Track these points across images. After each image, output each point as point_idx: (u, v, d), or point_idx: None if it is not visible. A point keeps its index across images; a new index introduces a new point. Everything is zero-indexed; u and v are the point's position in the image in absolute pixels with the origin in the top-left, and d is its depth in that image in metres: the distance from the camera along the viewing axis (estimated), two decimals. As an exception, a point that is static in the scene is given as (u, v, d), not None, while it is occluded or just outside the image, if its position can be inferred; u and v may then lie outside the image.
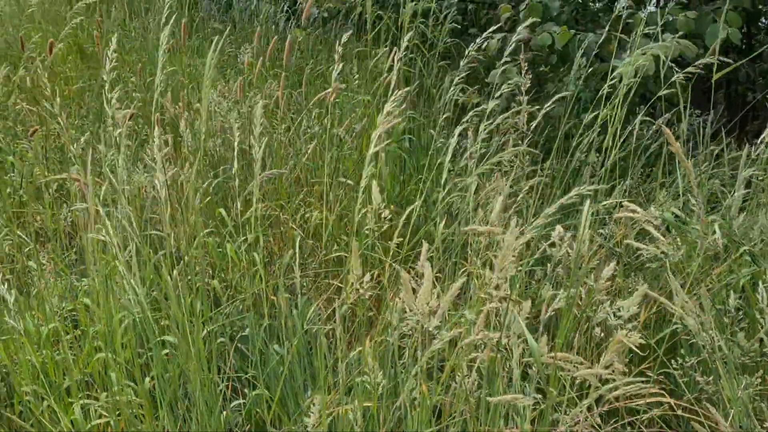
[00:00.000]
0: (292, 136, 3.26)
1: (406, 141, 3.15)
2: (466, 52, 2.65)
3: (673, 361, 1.93)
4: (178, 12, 5.38)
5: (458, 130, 2.21)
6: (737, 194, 2.13)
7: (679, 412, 1.76)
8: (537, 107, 2.50)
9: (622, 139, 2.50)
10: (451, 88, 2.61)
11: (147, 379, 1.91)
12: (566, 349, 1.84)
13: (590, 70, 3.05)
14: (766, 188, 2.59)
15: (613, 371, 1.45)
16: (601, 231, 2.45)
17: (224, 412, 1.88)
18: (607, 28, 2.82)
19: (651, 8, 2.73)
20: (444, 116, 2.87)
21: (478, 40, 2.63)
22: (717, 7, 3.38)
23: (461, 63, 2.63)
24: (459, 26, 4.18)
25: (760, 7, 3.80)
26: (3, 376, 2.17)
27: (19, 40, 4.51)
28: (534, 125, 2.51)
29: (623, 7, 2.70)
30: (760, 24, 4.21)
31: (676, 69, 2.41)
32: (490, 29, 2.77)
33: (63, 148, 3.58)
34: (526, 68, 2.47)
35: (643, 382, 1.47)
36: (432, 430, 1.66)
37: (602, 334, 1.84)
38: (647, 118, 2.88)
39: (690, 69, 2.30)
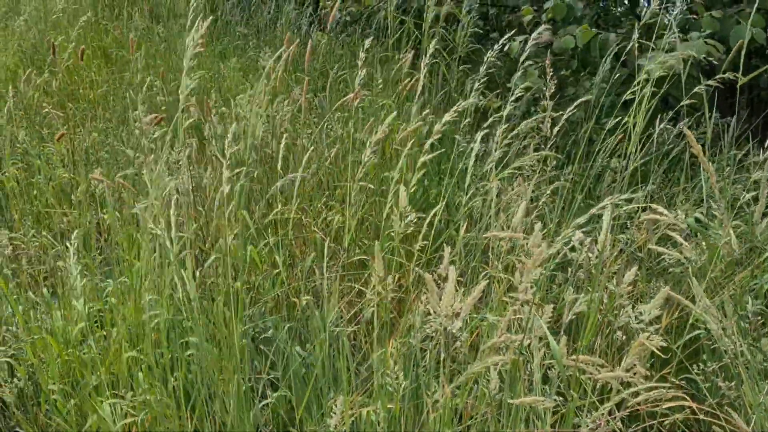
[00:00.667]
0: (315, 140, 3.29)
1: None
2: (485, 58, 2.64)
3: (695, 366, 1.92)
4: (202, 15, 5.44)
5: (480, 135, 2.22)
6: (762, 200, 2.12)
7: (701, 417, 1.76)
8: (561, 113, 2.50)
9: (644, 144, 2.49)
10: (472, 93, 2.61)
11: (172, 379, 1.94)
12: (588, 353, 1.84)
13: (617, 76, 3.04)
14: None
15: (635, 374, 1.46)
16: (623, 236, 2.44)
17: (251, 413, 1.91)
18: (635, 33, 2.79)
19: (675, 11, 2.70)
20: (466, 121, 2.88)
21: (496, 46, 2.62)
22: (740, 9, 3.36)
23: (481, 69, 2.63)
24: (480, 30, 4.18)
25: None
26: (30, 375, 2.21)
27: (44, 43, 4.59)
28: (556, 129, 2.51)
29: (647, 9, 2.68)
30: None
31: (701, 74, 2.40)
32: (511, 33, 2.76)
33: (88, 151, 3.63)
34: (551, 73, 2.47)
35: (665, 386, 1.47)
36: (453, 431, 1.67)
37: (624, 338, 1.84)
38: (668, 126, 2.87)
39: (713, 81, 2.30)
